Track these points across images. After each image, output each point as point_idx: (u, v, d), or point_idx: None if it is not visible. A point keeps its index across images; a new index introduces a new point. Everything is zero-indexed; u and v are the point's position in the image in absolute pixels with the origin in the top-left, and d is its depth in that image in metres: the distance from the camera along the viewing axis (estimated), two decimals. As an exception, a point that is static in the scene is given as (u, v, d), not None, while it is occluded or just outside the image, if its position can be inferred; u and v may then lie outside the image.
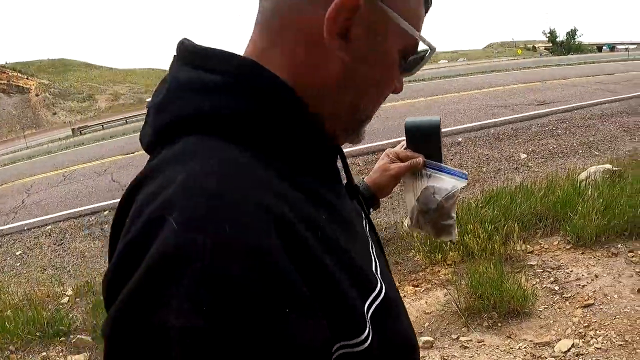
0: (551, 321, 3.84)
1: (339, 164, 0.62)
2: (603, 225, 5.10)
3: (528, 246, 5.24)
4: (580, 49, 59.31)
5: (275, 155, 0.48)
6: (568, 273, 4.58)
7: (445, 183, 0.90)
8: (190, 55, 0.53)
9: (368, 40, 0.51)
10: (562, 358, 3.36)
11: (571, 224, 5.21)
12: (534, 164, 9.02)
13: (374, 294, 0.51)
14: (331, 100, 0.53)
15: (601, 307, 3.89)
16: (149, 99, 0.53)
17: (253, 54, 0.54)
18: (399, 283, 4.18)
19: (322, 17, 0.48)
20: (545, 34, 66.39)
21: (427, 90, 18.79)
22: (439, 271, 4.70)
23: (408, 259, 4.95)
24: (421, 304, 4.24)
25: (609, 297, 4.00)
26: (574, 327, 3.68)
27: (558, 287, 4.34)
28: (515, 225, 5.23)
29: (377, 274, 0.56)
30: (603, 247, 4.95)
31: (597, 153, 9.30)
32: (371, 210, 0.91)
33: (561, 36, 64.54)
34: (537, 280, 4.59)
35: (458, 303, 3.99)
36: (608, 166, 7.28)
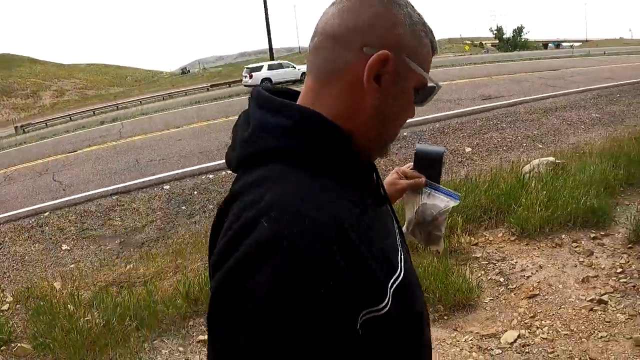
0: (497, 313, 3.92)
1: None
2: (547, 216, 5.36)
3: (473, 239, 5.38)
4: (526, 46, 64.25)
5: (331, 176, 0.73)
6: (513, 264, 4.73)
7: (441, 202, 1.19)
8: (266, 103, 0.78)
9: (394, 84, 0.76)
10: (509, 349, 3.41)
11: (515, 216, 5.42)
12: (478, 157, 9.44)
13: (395, 276, 0.76)
14: (365, 129, 0.78)
15: (546, 297, 4.03)
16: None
17: (309, 99, 0.78)
18: None
19: (363, 68, 0.73)
20: (493, 31, 71.61)
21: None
22: None
23: None
24: None
25: (553, 287, 4.16)
26: (519, 318, 3.77)
27: (503, 279, 4.46)
28: (460, 218, 5.39)
29: (400, 261, 0.80)
30: (547, 238, 5.19)
31: (540, 146, 9.94)
32: None
33: (508, 33, 69.96)
34: (482, 272, 4.70)
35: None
36: (551, 159, 7.76)
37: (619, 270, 4.29)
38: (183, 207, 8.06)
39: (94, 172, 10.65)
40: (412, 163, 1.25)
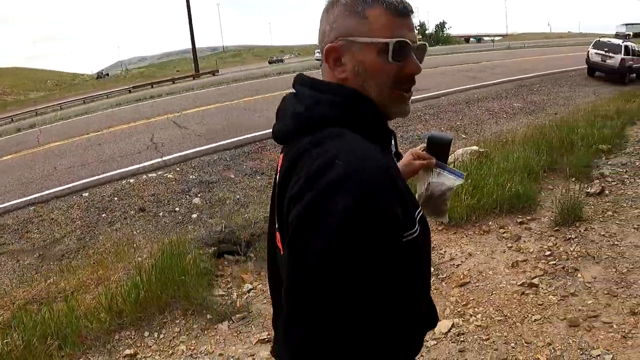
0: (428, 304, 3.92)
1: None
2: (473, 204, 5.57)
3: None
4: (448, 41, 69.65)
5: (369, 135, 1.04)
6: (442, 254, 4.82)
7: (448, 180, 1.51)
8: (315, 84, 1.13)
9: (352, 60, 1.08)
10: (443, 339, 3.42)
11: (443, 204, 5.56)
12: (403, 150, 9.72)
13: (418, 210, 1.10)
14: (373, 93, 1.10)
15: (477, 284, 4.13)
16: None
17: (339, 80, 1.12)
18: None
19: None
20: (416, 27, 77.16)
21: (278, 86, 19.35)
22: None
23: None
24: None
25: (484, 274, 4.29)
26: (452, 307, 3.81)
27: (433, 269, 4.51)
28: None
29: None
30: (474, 225, 5.38)
31: (464, 136, 10.51)
32: None
33: (431, 29, 75.47)
34: (411, 262, 4.71)
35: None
36: (475, 148, 8.19)
37: (547, 253, 4.53)
38: (103, 215, 7.86)
39: (9, 183, 10.18)
40: (425, 146, 1.58)
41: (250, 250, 5.05)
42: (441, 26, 75.32)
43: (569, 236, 4.83)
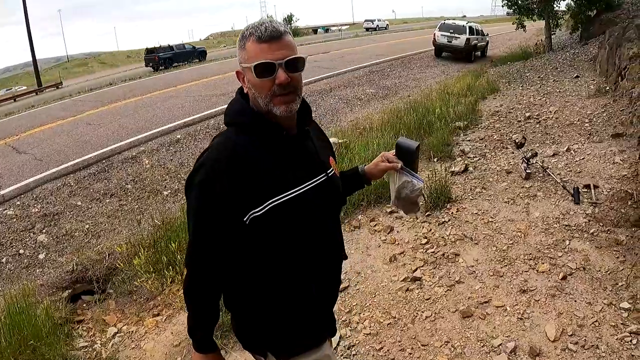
0: (304, 321, 3.68)
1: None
2: (339, 199, 5.49)
3: None
4: (297, 33, 73.75)
5: (253, 135, 1.65)
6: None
7: (409, 183, 1.93)
8: (233, 98, 1.77)
9: (247, 77, 1.67)
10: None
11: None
12: None
13: (278, 197, 1.59)
14: (257, 101, 1.65)
15: (358, 287, 3.99)
16: None
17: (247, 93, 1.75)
18: (138, 316, 4.29)
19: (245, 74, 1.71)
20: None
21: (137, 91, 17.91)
22: (177, 290, 4.44)
23: (140, 287, 4.54)
24: (167, 336, 3.92)
25: (362, 275, 4.17)
26: (335, 316, 3.59)
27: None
28: None
29: (292, 193, 1.62)
30: (343, 222, 5.29)
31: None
32: (365, 184, 2.13)
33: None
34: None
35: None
36: (334, 140, 8.27)
37: (424, 241, 4.59)
38: None
39: None
40: (395, 151, 1.96)
41: (109, 286, 4.80)
42: (289, 19, 79.38)
43: (443, 219, 4.97)
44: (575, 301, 3.40)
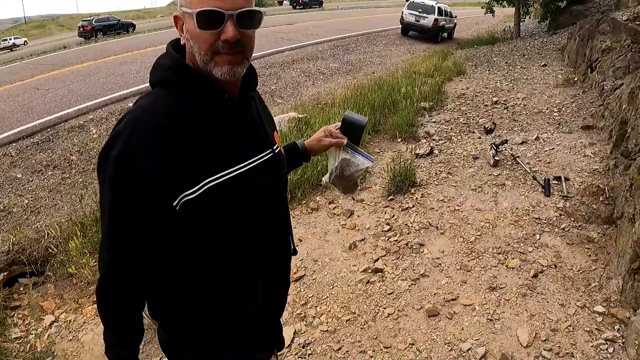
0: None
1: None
2: (297, 179, 5.17)
3: None
4: (262, 3, 73.83)
5: (189, 99, 1.32)
6: (265, 241, 4.30)
7: (358, 160, 1.79)
8: (165, 52, 1.42)
9: (184, 25, 1.34)
10: (287, 353, 2.88)
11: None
12: None
13: (215, 176, 1.29)
14: (194, 57, 1.33)
15: (314, 276, 3.70)
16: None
17: (183, 44, 1.40)
18: (77, 303, 3.98)
19: (185, 20, 1.34)
20: None
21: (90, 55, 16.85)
22: None
23: (87, 265, 4.16)
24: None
25: (320, 263, 3.88)
26: (290, 309, 3.30)
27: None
28: None
29: (234, 170, 1.34)
30: (301, 204, 4.99)
31: (280, 101, 10.16)
32: (303, 162, 1.91)
33: None
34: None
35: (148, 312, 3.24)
36: (294, 114, 7.90)
37: (386, 227, 4.34)
38: None
39: None
40: (339, 125, 1.81)
41: (48, 268, 4.46)
42: None
43: (406, 205, 4.72)
44: (548, 302, 3.21)
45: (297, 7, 51.14)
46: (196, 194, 1.26)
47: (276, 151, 1.51)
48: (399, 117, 7.25)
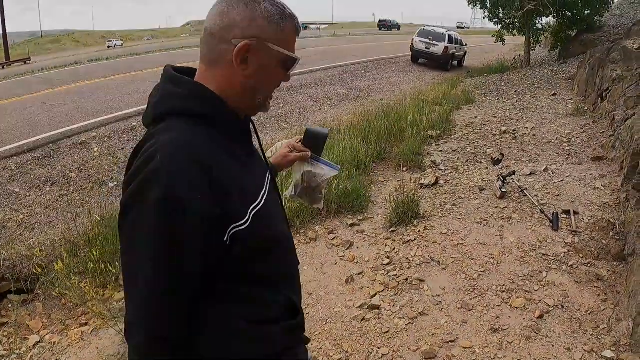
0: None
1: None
2: (296, 207, 5.07)
3: None
4: None
5: (212, 128, 1.28)
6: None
7: (323, 171, 1.83)
8: (172, 78, 1.33)
9: (258, 62, 1.29)
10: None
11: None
12: None
13: (255, 204, 1.29)
14: (239, 96, 1.33)
15: (307, 310, 3.56)
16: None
17: (201, 78, 1.34)
18: (64, 324, 3.89)
19: (231, 54, 1.27)
20: None
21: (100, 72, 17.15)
22: (112, 296, 4.06)
23: (73, 288, 4.05)
24: (91, 351, 3.51)
25: (315, 296, 3.75)
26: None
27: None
28: None
29: (262, 195, 1.34)
30: (299, 232, 4.88)
31: (285, 125, 10.13)
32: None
33: None
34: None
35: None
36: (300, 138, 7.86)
37: (386, 261, 4.20)
38: None
39: None
40: (302, 139, 1.87)
41: (38, 286, 4.43)
42: None
43: (408, 238, 4.59)
44: (553, 346, 3.05)
45: (383, 29, 60.34)
46: (247, 224, 1.23)
47: (270, 169, 1.56)
48: (405, 146, 7.16)
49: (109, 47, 54.73)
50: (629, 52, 7.73)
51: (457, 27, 76.53)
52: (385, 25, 62.44)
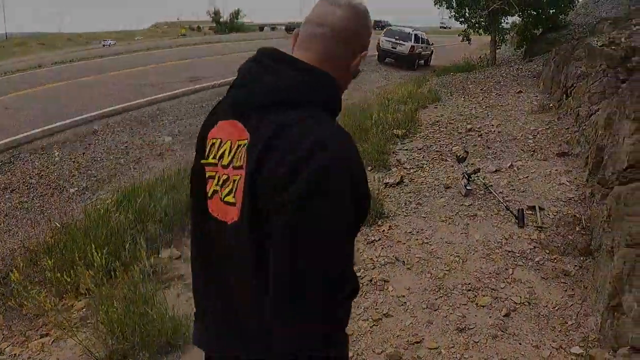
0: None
1: None
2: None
3: (175, 250, 4.57)
4: (242, 29, 75.71)
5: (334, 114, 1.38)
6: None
7: None
8: (295, 64, 1.35)
9: (355, 62, 1.45)
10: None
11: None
12: (180, 147, 8.88)
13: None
14: (342, 87, 1.45)
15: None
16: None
17: (317, 64, 1.38)
18: (25, 336, 3.80)
19: (351, 58, 1.44)
20: (210, 14, 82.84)
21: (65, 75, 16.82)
22: (72, 305, 3.95)
23: (32, 297, 3.89)
24: None
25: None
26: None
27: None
28: (157, 227, 4.91)
29: None
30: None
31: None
32: None
33: (225, 16, 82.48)
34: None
35: (96, 353, 3.27)
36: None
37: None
38: None
39: None
40: None
41: None
42: (235, 15, 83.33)
43: (372, 238, 4.52)
44: (520, 344, 3.00)
45: (377, 28, 60.53)
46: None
47: None
48: (369, 145, 7.10)
49: (103, 45, 55.46)
50: (593, 49, 7.82)
51: (440, 27, 76.66)
52: (379, 26, 64.78)
